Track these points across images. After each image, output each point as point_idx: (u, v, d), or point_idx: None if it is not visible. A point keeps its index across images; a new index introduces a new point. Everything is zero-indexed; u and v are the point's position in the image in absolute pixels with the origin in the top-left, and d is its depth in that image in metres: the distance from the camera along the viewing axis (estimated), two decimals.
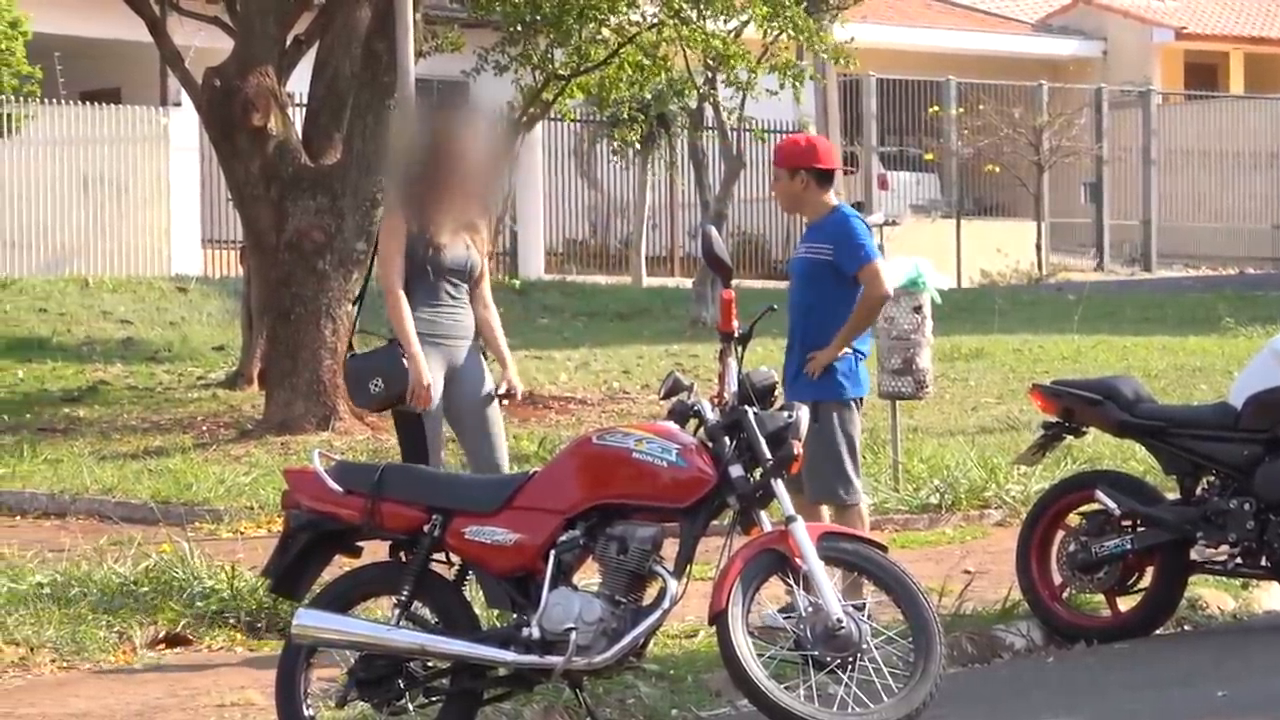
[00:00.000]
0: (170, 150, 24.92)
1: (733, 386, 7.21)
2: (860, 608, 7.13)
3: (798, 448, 7.09)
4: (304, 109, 16.28)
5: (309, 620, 7.19)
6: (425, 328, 8.70)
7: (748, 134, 22.08)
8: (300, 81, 16.69)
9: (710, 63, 19.05)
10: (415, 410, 8.65)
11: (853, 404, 9.01)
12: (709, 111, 21.50)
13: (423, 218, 8.68)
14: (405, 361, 8.54)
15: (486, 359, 9.03)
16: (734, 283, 7.45)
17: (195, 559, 9.67)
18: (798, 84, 18.32)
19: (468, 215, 8.81)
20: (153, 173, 24.89)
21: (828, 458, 8.83)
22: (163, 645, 9.03)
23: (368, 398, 8.70)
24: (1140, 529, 9.10)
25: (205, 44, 18.56)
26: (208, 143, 17.99)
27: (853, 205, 9.76)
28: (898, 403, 12.13)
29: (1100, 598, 9.25)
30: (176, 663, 8.83)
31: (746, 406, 7.14)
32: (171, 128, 24.93)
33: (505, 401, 8.97)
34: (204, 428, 15.50)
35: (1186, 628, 9.47)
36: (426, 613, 7.25)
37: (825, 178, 9.01)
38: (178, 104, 24.22)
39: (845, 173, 9.39)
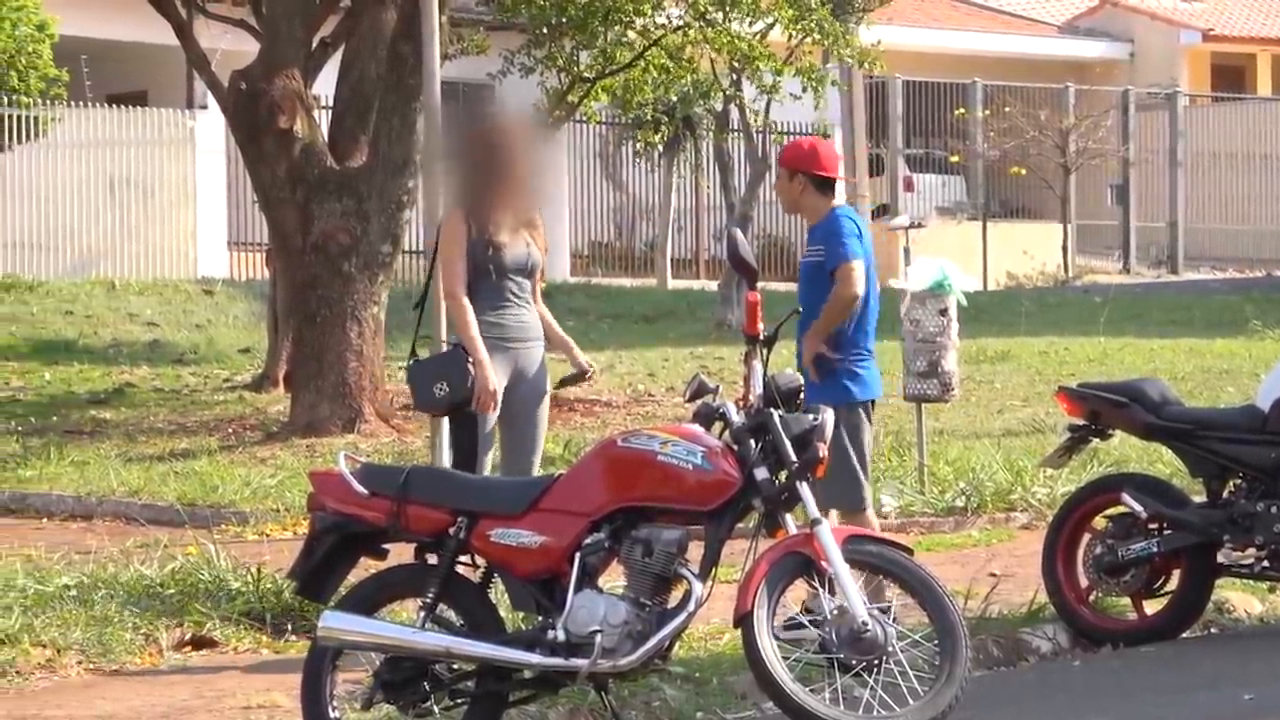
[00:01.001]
0: (196, 153, 24.95)
1: (758, 389, 7.19)
2: (885, 610, 7.12)
3: (823, 450, 7.08)
4: (330, 111, 16.28)
5: (335, 622, 7.20)
6: (491, 331, 8.70)
7: (783, 136, 22.07)
8: (326, 84, 16.70)
9: (735, 65, 19.04)
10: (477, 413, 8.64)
11: (860, 408, 8.94)
12: (734, 114, 21.50)
13: (483, 217, 8.68)
14: (471, 367, 8.54)
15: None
16: (759, 285, 7.45)
17: (221, 561, 9.68)
18: (819, 88, 18.29)
19: (527, 212, 8.81)
20: (179, 175, 24.92)
21: (835, 463, 8.79)
22: (188, 647, 9.05)
23: (432, 401, 8.70)
24: (1167, 532, 9.07)
25: (231, 47, 18.59)
26: (234, 145, 18.01)
27: (878, 207, 9.75)
28: (923, 405, 12.11)
29: (1126, 601, 9.23)
30: (202, 665, 8.84)
31: (772, 409, 7.13)
32: (198, 130, 24.96)
33: (584, 382, 8.97)
34: (230, 430, 15.52)
35: (1213, 631, 9.43)
36: (452, 615, 7.25)
37: (823, 184, 8.99)
38: (204, 107, 24.25)
39: (848, 181, 9.36)
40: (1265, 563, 9.05)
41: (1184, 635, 9.19)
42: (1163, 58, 34.49)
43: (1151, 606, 9.17)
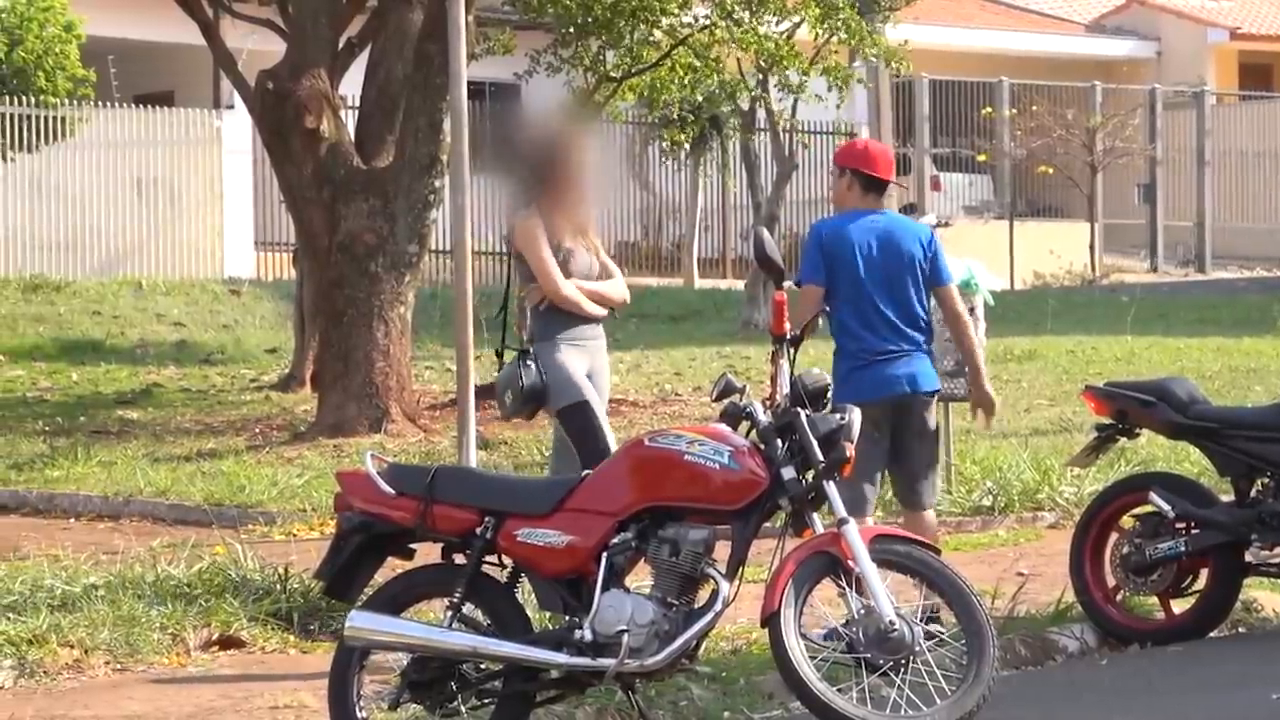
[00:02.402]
0: (223, 153, 24.97)
1: (785, 388, 7.19)
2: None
3: (850, 450, 7.06)
4: (356, 111, 16.27)
5: (362, 622, 7.19)
6: (566, 333, 8.81)
7: (800, 135, 22.02)
8: (353, 84, 16.69)
9: (762, 64, 19.01)
10: (573, 402, 8.70)
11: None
12: (761, 113, 21.46)
13: (554, 222, 8.74)
14: (529, 366, 8.67)
15: None
16: (786, 285, 7.42)
17: (248, 561, 9.68)
18: (844, 87, 18.25)
19: (586, 219, 8.93)
20: (206, 175, 24.95)
21: None
22: (216, 647, 9.05)
23: (504, 408, 8.94)
24: (1194, 531, 9.03)
25: (258, 46, 18.61)
26: (260, 145, 18.03)
27: (905, 207, 9.75)
28: (950, 404, 12.07)
29: (1154, 600, 9.20)
30: (229, 665, 8.84)
31: (799, 408, 7.12)
32: (224, 130, 25.00)
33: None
34: (256, 430, 15.52)
35: (1241, 630, 9.40)
36: (479, 615, 7.25)
37: (871, 184, 8.94)
38: (230, 107, 24.29)
39: (899, 185, 9.35)
40: None
41: (1212, 635, 9.16)
42: (1190, 56, 34.35)
43: (1179, 606, 9.14)
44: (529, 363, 8.77)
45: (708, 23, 16.59)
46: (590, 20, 16.20)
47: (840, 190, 9.02)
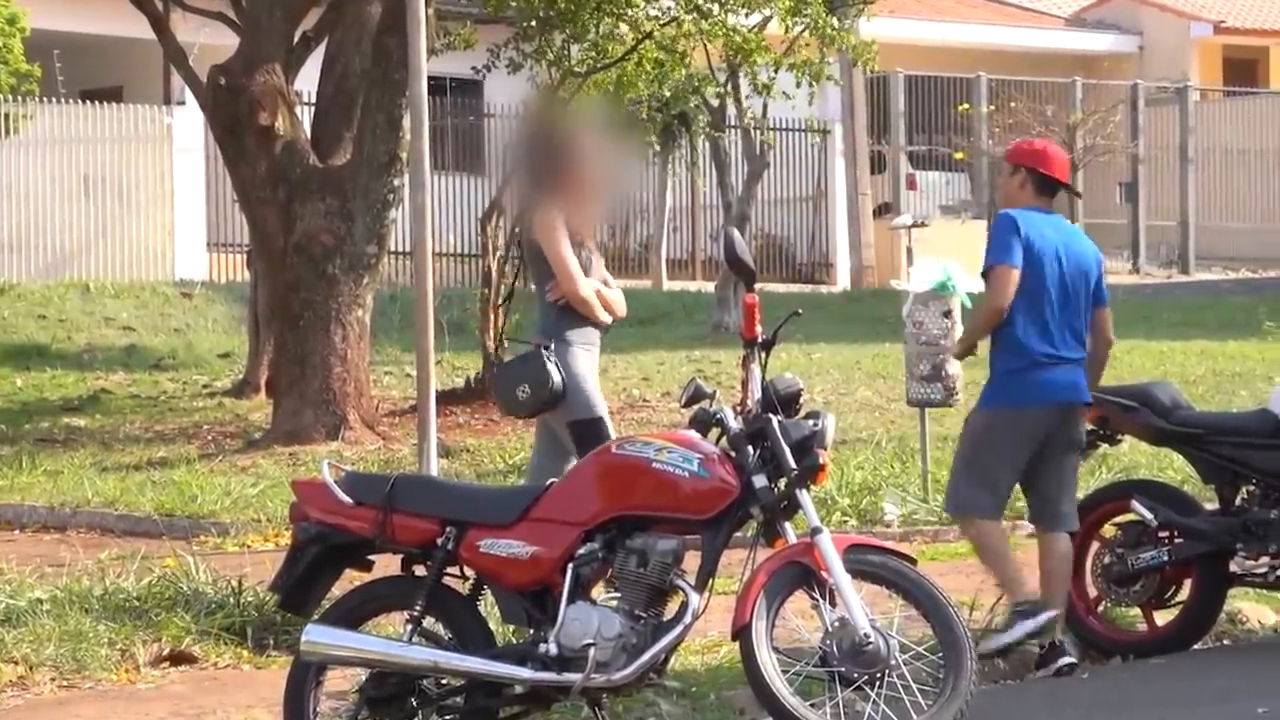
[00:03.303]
0: (174, 151, 24.84)
1: (756, 394, 7.12)
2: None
3: (823, 457, 7.01)
4: (312, 108, 16.14)
5: (318, 636, 7.12)
6: (580, 334, 8.70)
7: (771, 133, 21.90)
8: (308, 79, 16.55)
9: (732, 59, 18.89)
10: (590, 417, 8.58)
11: (990, 413, 8.68)
12: (731, 111, 21.32)
13: (577, 219, 8.68)
14: (551, 367, 8.52)
15: None
16: (757, 287, 7.37)
17: (200, 573, 9.60)
18: (815, 82, 18.13)
19: (598, 219, 9.02)
20: (156, 174, 24.78)
21: (955, 462, 8.80)
22: (167, 663, 8.94)
23: (516, 404, 8.69)
24: (1178, 540, 8.97)
25: (210, 41, 18.44)
26: (213, 143, 17.90)
27: (879, 206, 9.63)
28: (927, 410, 11.97)
29: (1137, 611, 9.13)
30: (181, 681, 8.74)
31: (771, 414, 7.05)
32: (175, 127, 24.84)
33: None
34: (209, 437, 15.41)
35: (1225, 642, 9.33)
36: (440, 629, 7.19)
37: (1044, 185, 8.80)
38: (181, 103, 24.16)
39: (1074, 194, 9.27)
40: (1279, 572, 8.91)
41: (1195, 647, 9.09)
42: (1173, 51, 34.31)
43: (1162, 617, 9.08)
44: (552, 360, 8.57)
45: (675, 15, 16.43)
46: (553, 13, 16.04)
47: (1011, 188, 8.87)
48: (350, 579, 7.39)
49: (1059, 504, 8.74)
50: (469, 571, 7.15)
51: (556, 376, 8.50)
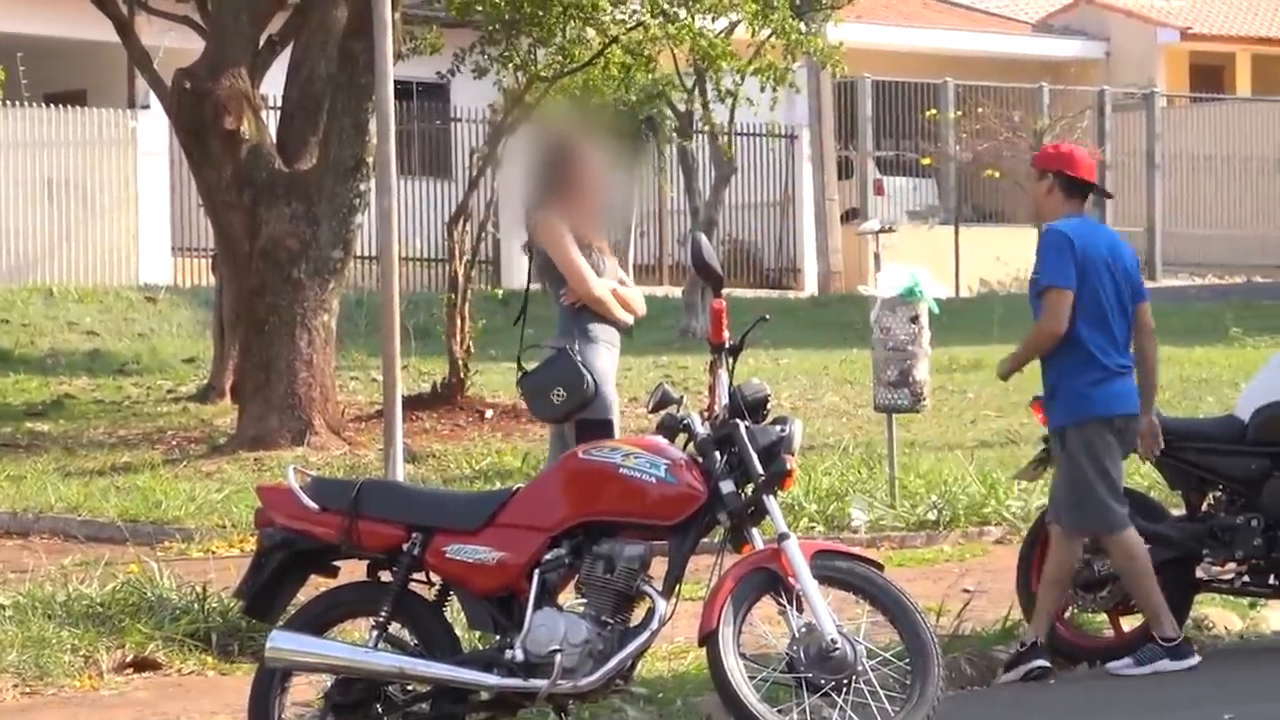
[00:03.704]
0: (138, 154, 24.72)
1: (724, 399, 7.10)
2: None
3: (790, 462, 7.01)
4: (278, 112, 16.07)
5: (283, 643, 7.10)
6: (604, 334, 8.60)
7: (739, 138, 21.89)
8: (274, 83, 16.48)
9: (699, 64, 18.88)
10: (601, 418, 8.47)
11: (1092, 425, 8.57)
12: (699, 115, 21.31)
13: (588, 221, 8.63)
14: (583, 368, 8.39)
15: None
16: (725, 292, 7.37)
17: (164, 579, 9.55)
18: (779, 84, 18.13)
19: (608, 223, 9.00)
20: (120, 178, 24.67)
21: (1073, 483, 8.59)
22: (130, 669, 8.89)
23: (552, 409, 8.48)
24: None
25: (175, 44, 18.35)
26: (178, 147, 17.84)
27: (847, 212, 9.60)
28: (894, 416, 11.97)
29: (1103, 617, 9.11)
30: (145, 688, 8.69)
31: (738, 420, 7.03)
32: (140, 131, 24.72)
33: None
34: (174, 443, 15.34)
35: (1198, 657, 9.23)
36: (406, 635, 7.16)
37: (1072, 188, 8.76)
38: (146, 106, 24.05)
39: (1105, 195, 9.23)
40: (1245, 578, 9.01)
41: None
42: (1140, 57, 34.36)
43: (1129, 623, 9.03)
44: (579, 359, 8.42)
45: (641, 19, 16.41)
46: (519, 17, 16.00)
47: (1040, 195, 8.82)
48: (316, 585, 7.35)
49: (1125, 505, 8.73)
50: (435, 577, 7.14)
51: (588, 375, 8.34)
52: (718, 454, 6.96)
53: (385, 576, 7.15)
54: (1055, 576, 8.62)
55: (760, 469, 6.91)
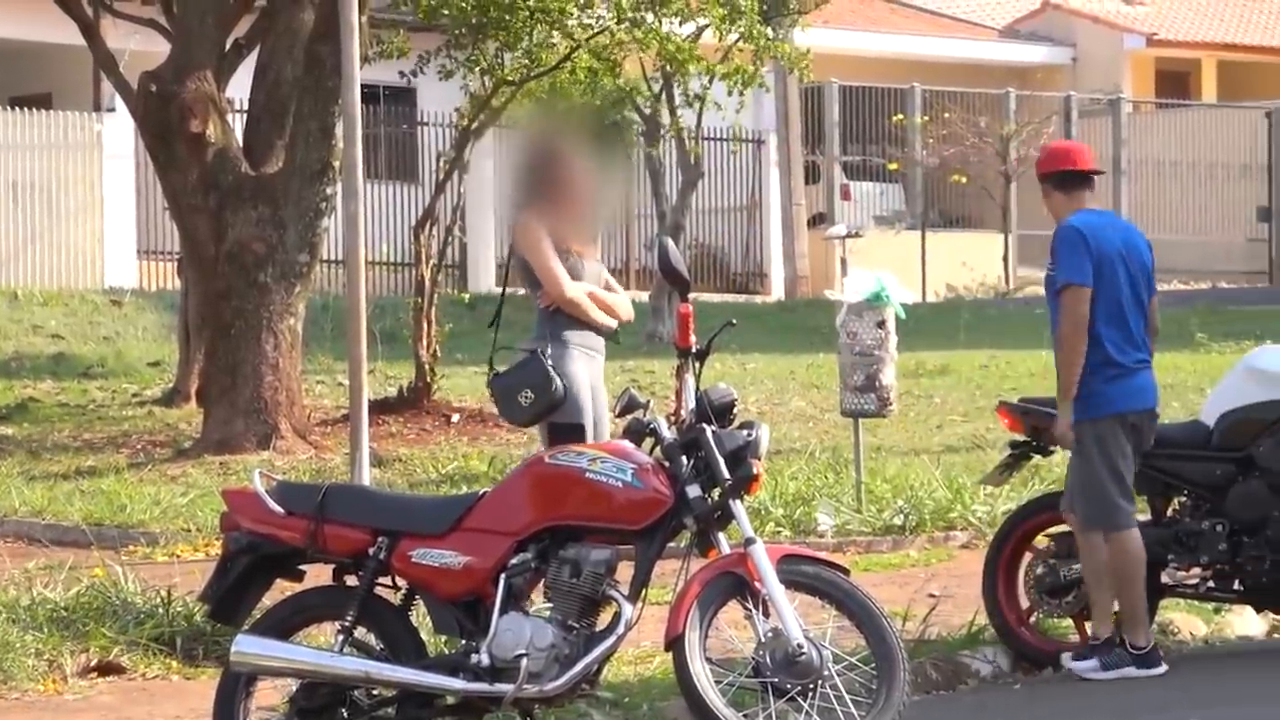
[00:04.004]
0: (104, 158, 24.64)
1: (690, 404, 7.11)
2: None
3: (757, 467, 7.01)
4: (244, 115, 16.01)
5: (248, 647, 7.09)
6: (577, 337, 8.56)
7: (706, 142, 21.87)
8: (240, 87, 16.42)
9: (666, 68, 18.86)
10: (572, 422, 8.46)
11: (1103, 423, 8.55)
12: (666, 119, 21.32)
13: (568, 225, 8.61)
14: (552, 371, 8.36)
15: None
16: (692, 296, 7.37)
17: (129, 583, 9.50)
18: (746, 88, 18.14)
19: (596, 226, 8.90)
20: (85, 181, 24.58)
21: (1085, 479, 8.59)
22: (95, 674, 8.86)
23: (520, 412, 8.44)
24: None
25: (140, 47, 18.27)
26: (143, 150, 17.77)
27: (813, 216, 9.60)
28: (861, 420, 11.97)
29: (1069, 622, 9.09)
30: (109, 692, 8.65)
31: (704, 424, 7.04)
32: (105, 134, 24.64)
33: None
34: (139, 446, 15.26)
35: (1165, 666, 9.24)
36: (371, 639, 7.15)
37: (1065, 180, 8.73)
38: (111, 109, 23.96)
39: (1097, 173, 9.12)
40: (1210, 583, 9.00)
41: None
42: (1106, 63, 34.42)
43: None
44: (549, 363, 8.39)
45: (608, 24, 16.39)
46: (485, 20, 15.97)
47: (1050, 202, 8.81)
48: (281, 589, 7.34)
49: (1134, 504, 8.74)
50: (401, 581, 7.12)
51: (557, 379, 8.30)
52: (684, 458, 6.95)
53: (351, 581, 7.14)
54: (1094, 570, 8.56)
55: (727, 473, 6.91)
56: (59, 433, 15.90)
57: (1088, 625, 9.01)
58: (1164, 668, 8.60)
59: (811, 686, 6.78)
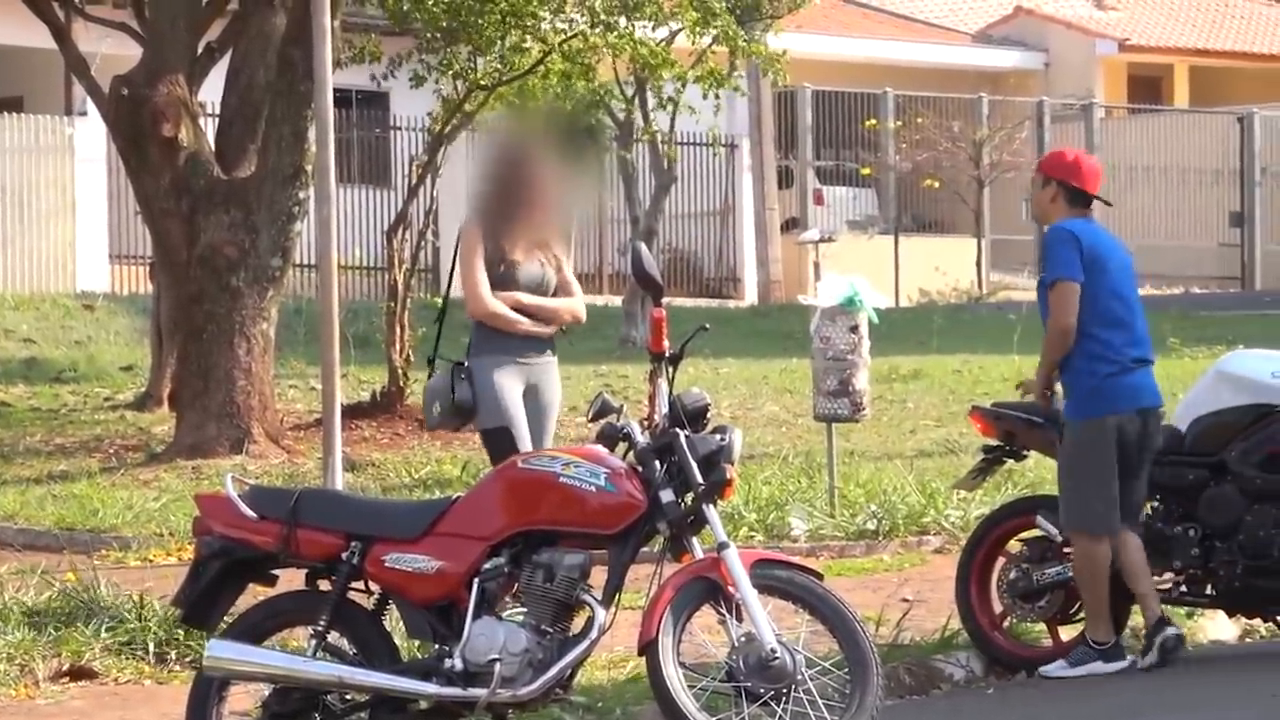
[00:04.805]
0: (76, 161, 24.57)
1: (664, 408, 7.11)
2: None
3: (730, 472, 7.02)
4: (216, 119, 15.97)
5: (221, 651, 7.08)
6: (505, 348, 8.75)
7: (679, 147, 21.87)
8: (213, 90, 16.39)
9: (639, 73, 18.86)
10: (495, 427, 8.62)
11: (1083, 425, 8.62)
12: (639, 123, 21.31)
13: (500, 235, 8.74)
14: (455, 384, 8.67)
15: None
16: (665, 301, 7.37)
17: (102, 588, 9.47)
18: (720, 88, 18.14)
19: (540, 231, 8.91)
20: (57, 185, 24.51)
21: (1062, 479, 8.71)
22: (67, 678, 8.81)
23: (432, 419, 8.90)
24: None
25: (112, 51, 18.22)
26: (115, 154, 17.67)
27: (786, 221, 9.61)
28: (834, 425, 11.97)
29: (1042, 626, 9.10)
30: (81, 696, 8.61)
31: (678, 429, 7.04)
32: (77, 138, 24.57)
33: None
34: (111, 451, 15.22)
35: (1130, 657, 9.17)
36: (344, 643, 7.14)
37: (1075, 197, 8.81)
38: (83, 113, 23.89)
39: (1106, 204, 9.23)
40: (1183, 588, 9.01)
41: None
42: (1078, 68, 34.49)
43: (1067, 633, 9.03)
44: (463, 376, 8.72)
45: (581, 28, 16.39)
46: (457, 24, 15.95)
47: (1043, 201, 8.86)
48: (254, 594, 7.32)
49: (1142, 505, 8.78)
50: (374, 586, 7.11)
51: (464, 392, 8.61)
52: (657, 463, 6.96)
53: (324, 585, 7.13)
54: (1128, 568, 8.61)
55: (700, 478, 6.91)
56: (31, 437, 15.85)
57: (1061, 630, 9.03)
58: (1128, 661, 8.64)
59: (785, 691, 6.78)
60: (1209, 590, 8.93)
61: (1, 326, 20.99)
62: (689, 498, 6.93)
